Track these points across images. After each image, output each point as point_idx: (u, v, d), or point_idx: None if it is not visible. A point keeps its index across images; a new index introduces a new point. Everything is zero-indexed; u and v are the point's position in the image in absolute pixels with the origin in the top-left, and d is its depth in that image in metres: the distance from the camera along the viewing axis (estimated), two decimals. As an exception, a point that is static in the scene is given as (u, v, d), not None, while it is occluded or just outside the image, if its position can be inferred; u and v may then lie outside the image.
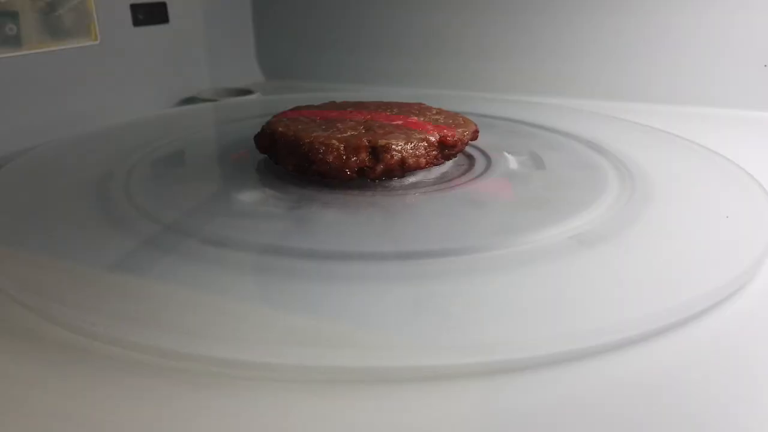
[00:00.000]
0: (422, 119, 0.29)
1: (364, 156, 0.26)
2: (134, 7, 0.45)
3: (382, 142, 0.26)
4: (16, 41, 0.36)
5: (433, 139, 0.27)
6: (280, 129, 0.28)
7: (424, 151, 0.26)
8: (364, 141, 0.26)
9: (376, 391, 0.15)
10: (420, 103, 0.32)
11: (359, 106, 0.32)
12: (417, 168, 0.27)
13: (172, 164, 0.33)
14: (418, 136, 0.27)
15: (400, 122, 0.28)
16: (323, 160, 0.26)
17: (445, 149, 0.27)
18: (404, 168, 0.26)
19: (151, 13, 0.46)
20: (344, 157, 0.26)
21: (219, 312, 0.18)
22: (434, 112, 0.31)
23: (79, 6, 0.40)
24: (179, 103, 0.49)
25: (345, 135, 0.27)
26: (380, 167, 0.26)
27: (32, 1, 0.37)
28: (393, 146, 0.26)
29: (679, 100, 0.45)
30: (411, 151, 0.26)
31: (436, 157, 0.27)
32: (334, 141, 0.26)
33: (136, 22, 0.45)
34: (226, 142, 0.36)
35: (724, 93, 0.44)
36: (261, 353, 0.16)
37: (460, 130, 0.28)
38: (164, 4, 0.48)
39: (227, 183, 0.29)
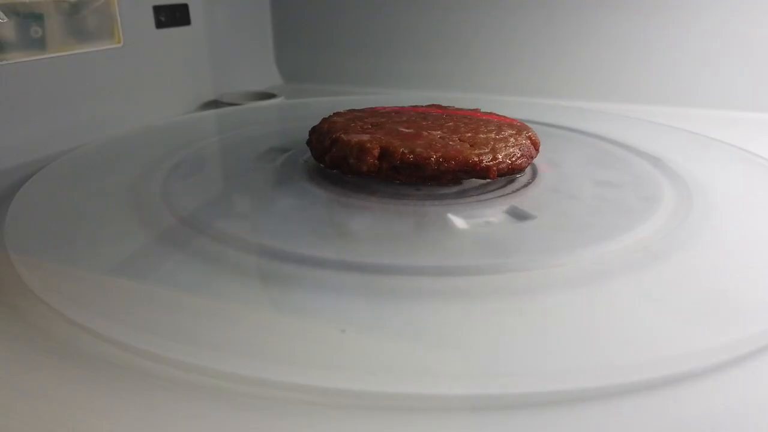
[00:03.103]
0: (447, 135, 0.28)
1: (327, 145, 0.28)
2: (156, 9, 0.44)
3: (335, 135, 0.28)
4: (41, 44, 0.36)
5: (394, 153, 0.26)
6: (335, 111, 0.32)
7: (371, 160, 0.26)
8: (332, 135, 0.28)
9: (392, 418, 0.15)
10: (515, 122, 0.30)
11: (448, 113, 0.32)
12: (358, 172, 0.26)
13: (211, 167, 0.32)
14: (360, 141, 0.26)
15: (407, 129, 0.28)
16: (309, 140, 0.30)
17: (410, 168, 0.26)
18: (349, 166, 0.27)
19: (174, 15, 0.46)
20: (314, 142, 0.29)
21: (266, 329, 0.17)
22: (494, 138, 0.28)
23: (103, 8, 0.39)
24: (201, 107, 0.48)
25: (340, 128, 0.28)
26: (328, 157, 0.28)
27: (56, 3, 0.36)
28: (341, 143, 0.27)
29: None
30: (354, 152, 0.26)
31: (393, 170, 0.26)
32: (323, 127, 0.29)
33: (159, 24, 0.44)
34: (263, 146, 0.35)
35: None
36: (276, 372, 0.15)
37: (441, 154, 0.26)
38: (186, 6, 0.47)
39: (267, 187, 0.29)
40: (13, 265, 0.20)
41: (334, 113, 0.32)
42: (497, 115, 0.32)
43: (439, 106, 0.34)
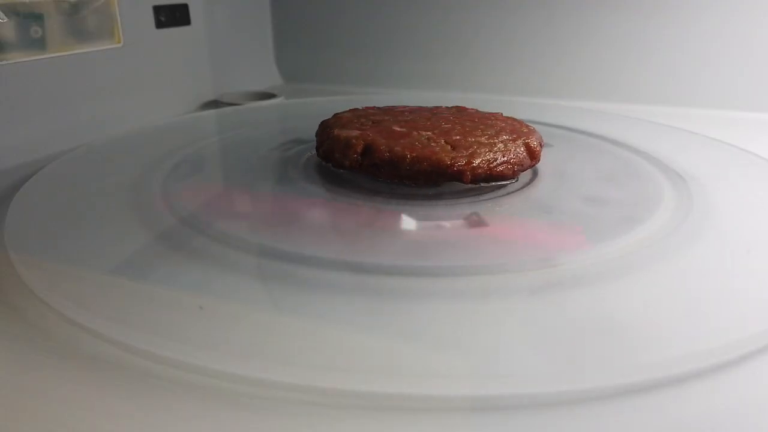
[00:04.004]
0: (435, 136, 0.27)
1: (324, 138, 0.29)
2: (156, 9, 0.44)
3: (330, 130, 0.29)
4: (41, 44, 0.36)
5: (375, 150, 0.27)
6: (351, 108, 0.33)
7: (353, 155, 0.27)
8: (330, 130, 0.29)
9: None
10: (526, 128, 0.30)
11: (462, 113, 0.32)
12: (343, 166, 0.28)
13: (211, 167, 0.32)
14: (347, 136, 0.27)
15: (400, 129, 0.28)
16: (316, 132, 0.31)
17: (388, 166, 0.26)
18: (334, 158, 0.28)
19: (174, 15, 0.46)
20: (318, 135, 0.30)
21: (266, 329, 0.17)
22: (481, 143, 0.27)
23: (103, 8, 0.39)
24: (201, 107, 0.48)
25: (342, 123, 0.29)
26: (321, 150, 0.29)
27: (56, 3, 0.36)
28: (332, 137, 0.28)
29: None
30: (340, 147, 0.28)
31: (374, 167, 0.26)
32: (329, 120, 0.31)
33: (159, 24, 0.44)
34: (263, 146, 0.35)
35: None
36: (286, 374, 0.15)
37: (417, 154, 0.26)
38: (186, 6, 0.47)
39: (267, 186, 0.29)
40: (13, 265, 0.20)
41: (349, 109, 0.32)
42: (514, 119, 0.31)
43: (463, 108, 0.33)
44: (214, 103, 0.49)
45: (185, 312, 0.18)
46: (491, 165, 0.26)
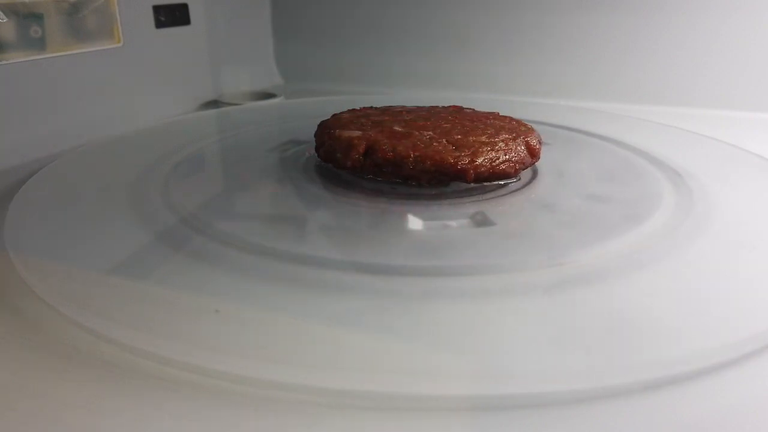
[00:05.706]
0: (436, 136, 0.27)
1: (324, 139, 0.29)
2: (156, 9, 0.44)
3: (331, 130, 0.29)
4: (41, 44, 0.36)
5: (378, 150, 0.27)
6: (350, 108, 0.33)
7: (355, 155, 0.27)
8: (330, 129, 0.29)
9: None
10: (524, 127, 0.30)
11: (459, 112, 0.32)
12: (344, 167, 0.27)
13: (211, 167, 0.32)
14: (349, 137, 0.28)
15: (401, 129, 0.28)
16: (315, 133, 0.30)
17: (391, 166, 0.26)
18: (335, 159, 0.28)
19: (173, 14, 0.46)
20: (317, 136, 0.30)
21: (266, 329, 0.17)
22: (482, 142, 0.27)
23: (103, 8, 0.39)
24: (201, 107, 0.48)
25: (342, 124, 0.29)
26: (322, 151, 0.29)
27: (56, 3, 0.36)
28: (332, 138, 0.28)
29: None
30: (342, 148, 0.28)
31: (376, 167, 0.27)
32: (329, 121, 0.30)
33: (159, 24, 0.44)
34: (263, 145, 0.35)
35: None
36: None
37: (420, 154, 0.26)
38: (186, 6, 0.47)
39: (267, 186, 0.29)
40: (13, 265, 0.20)
41: (347, 110, 0.32)
42: (512, 118, 0.31)
43: (460, 108, 0.33)
44: (214, 103, 0.49)
45: (185, 312, 0.18)
46: (494, 163, 0.26)
